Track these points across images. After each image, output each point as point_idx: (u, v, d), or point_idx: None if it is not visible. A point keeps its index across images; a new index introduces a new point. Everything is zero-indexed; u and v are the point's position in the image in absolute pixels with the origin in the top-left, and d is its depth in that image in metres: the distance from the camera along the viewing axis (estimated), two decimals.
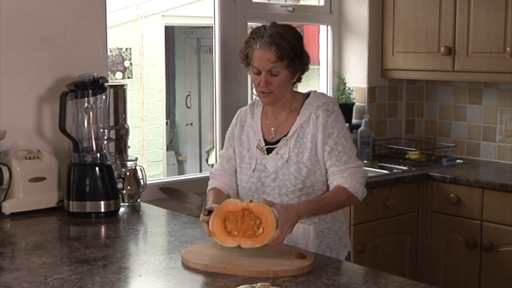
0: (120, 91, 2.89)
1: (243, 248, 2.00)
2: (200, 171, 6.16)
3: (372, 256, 3.41)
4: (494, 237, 3.36)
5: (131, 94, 5.31)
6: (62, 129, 2.63)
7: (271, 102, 2.30)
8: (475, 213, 3.43)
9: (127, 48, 5.90)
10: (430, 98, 4.23)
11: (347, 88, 4.09)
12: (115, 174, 2.71)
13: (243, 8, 3.65)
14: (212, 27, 3.62)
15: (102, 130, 2.70)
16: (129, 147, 2.96)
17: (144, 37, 5.98)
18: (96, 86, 2.65)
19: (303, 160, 2.25)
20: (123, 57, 5.87)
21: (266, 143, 2.32)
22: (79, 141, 2.65)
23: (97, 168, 2.63)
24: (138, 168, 2.83)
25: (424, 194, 3.63)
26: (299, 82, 2.35)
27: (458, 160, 3.92)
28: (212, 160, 5.53)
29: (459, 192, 3.48)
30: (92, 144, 2.66)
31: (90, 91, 2.65)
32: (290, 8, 3.91)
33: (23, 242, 2.31)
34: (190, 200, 2.17)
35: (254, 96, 3.95)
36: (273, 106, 2.32)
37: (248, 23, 3.69)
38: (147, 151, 6.13)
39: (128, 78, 5.88)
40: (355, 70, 4.13)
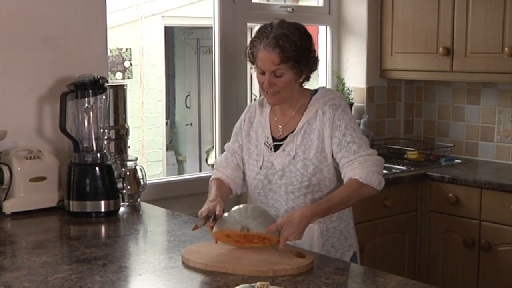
0: (120, 91, 2.89)
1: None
2: (200, 171, 6.17)
3: (371, 256, 3.42)
4: (492, 236, 3.37)
5: (131, 94, 5.32)
6: (63, 129, 2.62)
7: (276, 103, 2.28)
8: (473, 212, 3.44)
9: (127, 49, 5.91)
10: (429, 98, 4.24)
11: (346, 89, 4.09)
12: (115, 174, 2.71)
13: (243, 8, 3.65)
14: (211, 27, 3.62)
15: (102, 130, 2.70)
16: (129, 147, 2.96)
17: (144, 37, 5.99)
18: (96, 86, 2.65)
19: (309, 157, 2.22)
20: (123, 57, 5.88)
21: (273, 140, 2.30)
22: (79, 141, 2.65)
23: (97, 168, 2.63)
24: (138, 168, 2.83)
25: (422, 194, 3.64)
26: (308, 80, 2.31)
27: (457, 160, 3.93)
28: (211, 160, 5.54)
29: (457, 192, 3.49)
30: (92, 144, 2.66)
31: (90, 91, 2.64)
32: (289, 9, 3.92)
33: (24, 241, 2.32)
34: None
35: (254, 97, 3.97)
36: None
37: (248, 24, 3.70)
38: (147, 151, 6.13)
39: (128, 78, 5.88)
40: (354, 71, 4.13)
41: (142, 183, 2.82)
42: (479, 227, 3.42)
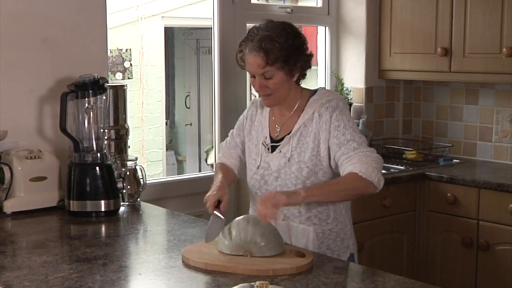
0: (120, 92, 2.90)
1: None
2: (200, 171, 6.18)
3: (369, 255, 3.42)
4: (490, 236, 3.37)
5: (131, 95, 5.33)
6: (63, 129, 2.63)
7: (271, 104, 2.26)
8: (472, 212, 3.44)
9: (127, 49, 5.92)
10: (427, 99, 4.25)
11: (345, 89, 4.10)
12: (115, 173, 2.71)
13: (242, 9, 3.66)
14: (211, 28, 3.63)
15: (102, 130, 2.70)
16: (129, 147, 2.96)
17: (144, 38, 5.99)
18: (96, 86, 2.65)
19: (304, 159, 2.20)
20: (123, 58, 5.89)
21: (271, 140, 2.29)
22: (80, 141, 2.65)
23: (97, 168, 2.63)
24: (138, 167, 2.83)
25: (421, 194, 3.64)
26: (303, 78, 2.27)
27: (455, 160, 3.93)
28: (211, 160, 5.55)
29: (455, 192, 3.50)
30: (92, 144, 2.66)
31: (91, 91, 2.64)
32: (288, 9, 3.93)
33: (24, 241, 2.32)
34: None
35: (253, 97, 3.97)
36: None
37: (247, 24, 3.71)
38: (147, 151, 6.14)
39: (128, 78, 5.89)
40: (352, 71, 4.14)
41: (142, 183, 2.82)
42: (477, 227, 3.43)
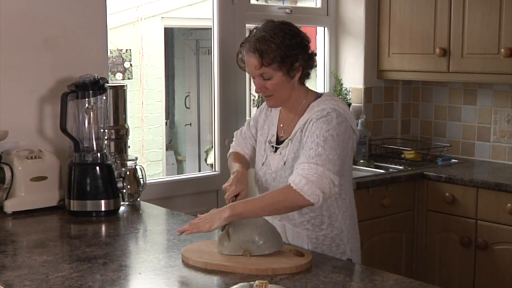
0: (120, 92, 2.91)
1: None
2: (199, 171, 6.18)
3: (368, 254, 3.42)
4: (488, 235, 3.38)
5: (131, 95, 5.35)
6: (63, 129, 2.63)
7: (274, 105, 2.23)
8: (470, 211, 3.45)
9: (127, 50, 5.93)
10: (426, 99, 4.26)
11: (343, 89, 4.11)
12: (115, 173, 2.72)
13: (241, 10, 3.67)
14: (211, 28, 3.64)
15: (102, 130, 2.70)
16: (129, 147, 2.96)
17: (144, 38, 6.00)
18: (96, 86, 2.66)
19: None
20: (123, 58, 5.90)
21: (277, 139, 2.26)
22: (80, 141, 2.66)
23: (97, 168, 2.63)
24: (138, 167, 2.83)
25: (419, 193, 3.65)
26: (307, 78, 2.21)
27: (453, 160, 3.94)
28: (211, 160, 5.56)
29: (454, 191, 3.50)
30: (92, 144, 2.67)
31: (91, 91, 2.65)
32: (287, 10, 3.93)
33: (25, 240, 2.32)
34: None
35: (253, 97, 3.99)
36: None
37: (246, 25, 3.72)
38: (147, 150, 6.15)
39: (128, 79, 5.90)
40: (351, 71, 4.15)
41: (142, 182, 2.83)
42: (475, 226, 3.44)
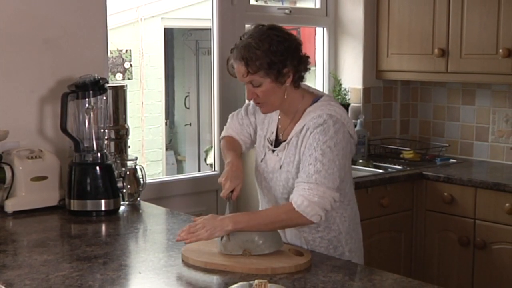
0: (120, 92, 2.91)
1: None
2: (199, 171, 6.19)
3: (367, 254, 3.41)
4: (487, 235, 3.39)
5: (131, 95, 5.35)
6: (64, 129, 2.63)
7: (266, 112, 2.20)
8: (468, 211, 3.46)
9: (127, 50, 5.93)
10: (424, 99, 4.26)
11: (342, 89, 4.12)
12: (115, 173, 2.72)
13: (241, 10, 3.68)
14: (210, 29, 3.65)
15: (102, 130, 2.71)
16: (129, 146, 2.97)
17: (143, 39, 6.00)
18: (96, 87, 2.66)
19: (291, 171, 2.13)
20: (123, 58, 5.90)
21: (276, 139, 2.23)
22: (80, 141, 2.66)
23: (97, 168, 2.64)
24: (138, 167, 2.84)
25: (418, 193, 3.66)
26: (301, 81, 2.14)
27: (452, 160, 3.95)
28: (210, 160, 5.57)
29: (452, 191, 3.51)
30: (92, 144, 2.67)
31: (91, 92, 2.65)
32: (286, 11, 3.94)
33: (25, 240, 2.33)
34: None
35: None
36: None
37: (246, 25, 3.73)
38: (147, 150, 6.15)
39: (128, 79, 5.90)
40: (350, 72, 4.16)
41: (142, 182, 2.83)
42: (474, 226, 3.44)
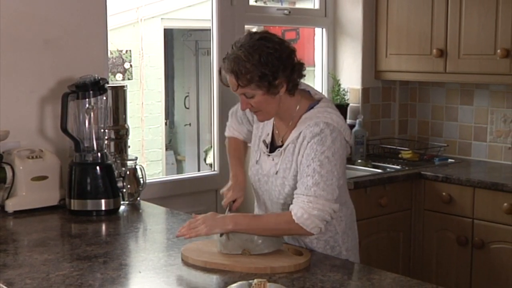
0: (120, 92, 2.92)
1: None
2: (198, 170, 6.20)
3: (366, 253, 3.43)
4: (485, 234, 3.40)
5: (131, 95, 5.36)
6: (64, 129, 2.64)
7: (263, 120, 2.17)
8: (467, 211, 3.47)
9: (127, 50, 5.94)
10: (423, 99, 4.27)
11: (341, 89, 4.13)
12: (116, 173, 2.73)
13: (240, 11, 3.68)
14: (210, 29, 3.65)
15: (102, 130, 2.72)
16: (129, 146, 2.97)
17: (143, 39, 6.01)
18: (97, 87, 2.67)
19: (288, 177, 2.12)
20: (123, 59, 5.91)
21: (272, 143, 2.21)
22: (80, 141, 2.67)
23: (98, 167, 2.65)
24: (138, 167, 2.85)
25: (416, 193, 3.66)
26: (295, 89, 2.09)
27: (450, 160, 3.96)
28: (210, 160, 5.58)
29: (451, 191, 3.52)
30: (93, 144, 2.68)
31: (91, 92, 2.66)
32: (286, 11, 3.95)
33: (26, 239, 2.33)
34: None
35: None
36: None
37: (245, 26, 3.73)
38: (147, 150, 6.16)
39: (128, 79, 5.91)
40: (349, 72, 4.16)
41: (141, 182, 2.84)
42: (472, 225, 3.45)
